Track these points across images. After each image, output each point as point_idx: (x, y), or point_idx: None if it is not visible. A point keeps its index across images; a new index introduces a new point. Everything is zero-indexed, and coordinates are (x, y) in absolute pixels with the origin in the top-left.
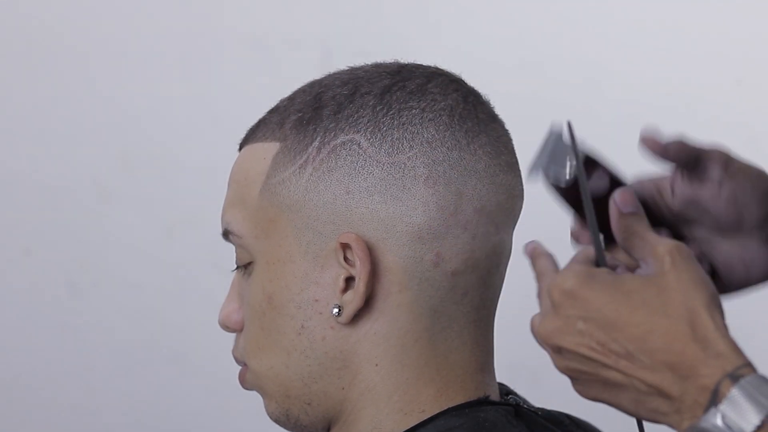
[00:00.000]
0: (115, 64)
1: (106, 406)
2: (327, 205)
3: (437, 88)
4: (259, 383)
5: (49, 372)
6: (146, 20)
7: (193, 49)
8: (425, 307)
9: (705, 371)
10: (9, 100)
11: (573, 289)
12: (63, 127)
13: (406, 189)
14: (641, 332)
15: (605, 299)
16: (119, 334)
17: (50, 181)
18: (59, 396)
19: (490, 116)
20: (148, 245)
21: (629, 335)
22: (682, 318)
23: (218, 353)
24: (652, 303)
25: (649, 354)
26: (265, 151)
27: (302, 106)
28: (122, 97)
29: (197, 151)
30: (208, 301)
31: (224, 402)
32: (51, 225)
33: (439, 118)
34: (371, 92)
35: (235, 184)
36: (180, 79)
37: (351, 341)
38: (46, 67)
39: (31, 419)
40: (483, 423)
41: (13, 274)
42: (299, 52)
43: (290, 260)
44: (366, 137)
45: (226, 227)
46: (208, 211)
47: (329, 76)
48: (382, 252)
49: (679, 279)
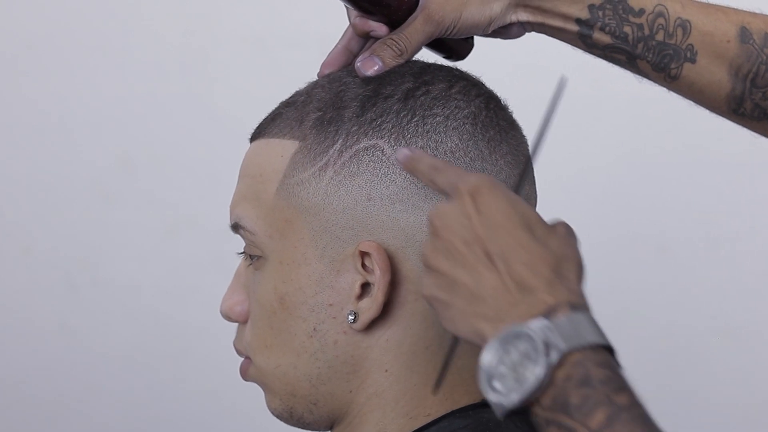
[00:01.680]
0: (115, 64)
1: (106, 406)
2: (347, 211)
3: (460, 94)
4: (264, 379)
5: (49, 372)
6: (146, 20)
7: (193, 49)
8: None
9: (547, 298)
10: (9, 100)
11: (480, 189)
12: (63, 127)
13: (428, 199)
14: (516, 243)
15: (503, 206)
16: (119, 334)
17: (50, 181)
18: (59, 396)
19: (510, 123)
20: (148, 245)
21: (506, 242)
22: (553, 250)
23: (218, 353)
24: (539, 229)
25: (508, 263)
26: (283, 149)
27: (322, 105)
28: (122, 97)
29: (197, 151)
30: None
31: (224, 402)
32: (51, 225)
33: (463, 126)
34: (394, 95)
35: (249, 179)
36: (180, 79)
37: (363, 346)
38: (46, 66)
39: (31, 419)
40: (487, 423)
41: (12, 273)
42: (299, 52)
43: (305, 263)
44: (390, 144)
45: (237, 221)
46: (208, 211)
47: (347, 71)
48: (400, 261)
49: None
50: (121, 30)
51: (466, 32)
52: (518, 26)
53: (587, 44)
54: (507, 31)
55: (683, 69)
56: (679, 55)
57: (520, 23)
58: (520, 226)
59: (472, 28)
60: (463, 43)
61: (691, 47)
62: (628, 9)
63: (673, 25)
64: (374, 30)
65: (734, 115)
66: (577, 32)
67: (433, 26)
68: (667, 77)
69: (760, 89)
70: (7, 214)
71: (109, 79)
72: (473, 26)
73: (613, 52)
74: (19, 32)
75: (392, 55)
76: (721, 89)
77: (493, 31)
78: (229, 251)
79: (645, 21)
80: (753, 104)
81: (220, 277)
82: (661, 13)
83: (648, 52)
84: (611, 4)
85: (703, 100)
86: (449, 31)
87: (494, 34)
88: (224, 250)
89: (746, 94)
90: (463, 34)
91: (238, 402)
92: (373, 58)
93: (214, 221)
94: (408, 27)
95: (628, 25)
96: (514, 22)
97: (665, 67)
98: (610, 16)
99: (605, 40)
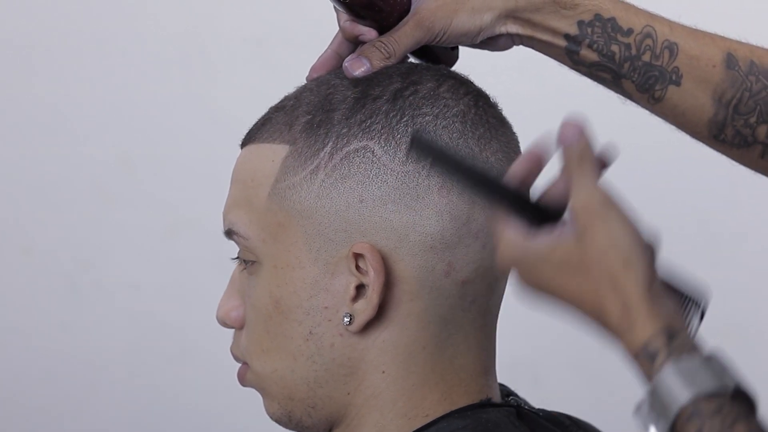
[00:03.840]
0: (115, 64)
1: (106, 406)
2: (339, 213)
3: (449, 92)
4: (262, 384)
5: (49, 372)
6: (146, 20)
7: (193, 49)
8: (434, 315)
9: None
10: (9, 100)
11: (515, 264)
12: (63, 127)
13: (420, 198)
14: (575, 299)
15: (540, 275)
16: (119, 334)
17: (50, 181)
18: (59, 396)
19: (500, 120)
20: (148, 245)
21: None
22: (603, 280)
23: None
24: (578, 270)
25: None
26: (274, 153)
27: (311, 108)
28: (122, 97)
29: (197, 151)
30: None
31: (224, 402)
32: (51, 225)
33: (452, 125)
34: (383, 96)
35: (241, 185)
36: (180, 79)
37: (359, 348)
38: (46, 66)
39: (31, 419)
40: (486, 424)
41: (12, 273)
42: (299, 52)
43: (299, 266)
44: (380, 144)
45: (231, 227)
46: (208, 211)
47: (335, 74)
48: (394, 261)
49: (594, 240)
50: (121, 30)
51: (455, 40)
52: (506, 38)
53: (573, 60)
54: (495, 42)
55: (668, 91)
56: (664, 77)
57: (509, 35)
58: None
59: (461, 36)
60: (449, 52)
61: (676, 70)
62: (616, 28)
63: (661, 46)
64: (363, 34)
65: (714, 140)
66: (564, 47)
67: (422, 32)
68: (650, 99)
69: (742, 116)
70: (7, 214)
71: (109, 79)
72: (463, 35)
73: (598, 71)
74: (20, 33)
75: (380, 57)
76: (703, 114)
77: (480, 41)
78: (228, 251)
79: (633, 41)
80: (734, 131)
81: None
82: (649, 34)
83: (634, 72)
84: (600, 21)
85: (685, 123)
86: (438, 38)
87: (481, 45)
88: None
89: (728, 120)
90: (451, 42)
91: (238, 402)
92: (361, 59)
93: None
94: (398, 31)
95: (616, 44)
96: (503, 34)
97: (650, 88)
98: (599, 33)
99: (592, 57)
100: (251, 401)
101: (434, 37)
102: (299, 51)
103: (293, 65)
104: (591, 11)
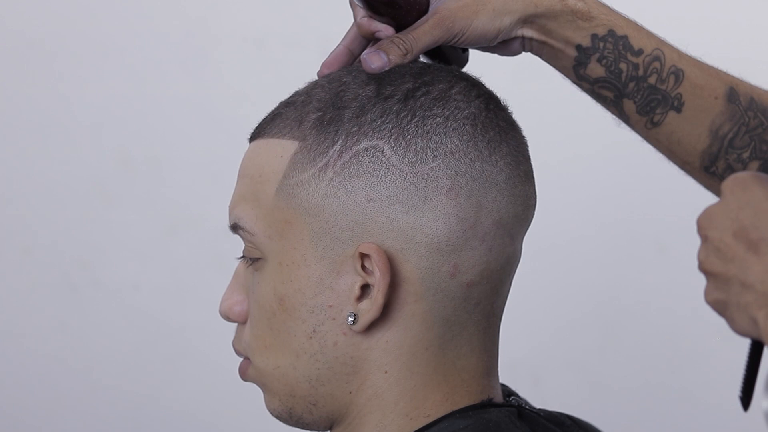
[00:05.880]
0: (114, 64)
1: (106, 406)
2: (347, 212)
3: (460, 94)
4: (263, 380)
5: (49, 371)
6: (146, 20)
7: (193, 49)
8: (438, 316)
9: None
10: (9, 100)
11: (744, 182)
12: (63, 127)
13: (428, 200)
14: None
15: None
16: (118, 334)
17: (50, 181)
18: (59, 395)
19: (510, 123)
20: (147, 245)
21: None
22: None
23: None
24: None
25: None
26: (283, 149)
27: (322, 105)
28: (122, 98)
29: (197, 151)
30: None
31: (223, 401)
32: (51, 225)
33: (463, 127)
34: (394, 96)
35: (248, 179)
36: (180, 79)
37: (362, 348)
38: (46, 67)
39: (30, 419)
40: (487, 424)
41: (12, 273)
42: (299, 52)
43: (305, 264)
44: (390, 145)
45: (236, 222)
46: (208, 211)
47: (346, 71)
48: (400, 262)
49: None
50: (121, 30)
51: (473, 42)
52: (519, 43)
53: (578, 75)
54: (507, 46)
55: (667, 116)
56: (666, 102)
57: (523, 39)
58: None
59: (479, 38)
60: (460, 54)
61: (679, 96)
62: (628, 46)
63: (668, 71)
64: (380, 31)
65: (705, 172)
66: (574, 58)
67: (442, 31)
68: (649, 122)
69: (736, 150)
70: (7, 214)
71: (109, 79)
72: (481, 36)
73: (602, 87)
74: (20, 32)
75: (398, 53)
76: (698, 144)
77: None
78: (228, 251)
79: (642, 61)
80: (726, 164)
81: (219, 277)
82: (658, 57)
83: (637, 93)
84: (613, 38)
85: (679, 151)
86: (457, 39)
87: (492, 48)
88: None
89: (722, 153)
90: (469, 44)
91: (238, 402)
92: (379, 53)
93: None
94: (417, 29)
95: (625, 62)
96: (518, 37)
97: (650, 111)
98: (610, 49)
99: (599, 72)
100: (250, 401)
101: (453, 37)
102: (299, 51)
103: (293, 65)
104: (606, 26)
